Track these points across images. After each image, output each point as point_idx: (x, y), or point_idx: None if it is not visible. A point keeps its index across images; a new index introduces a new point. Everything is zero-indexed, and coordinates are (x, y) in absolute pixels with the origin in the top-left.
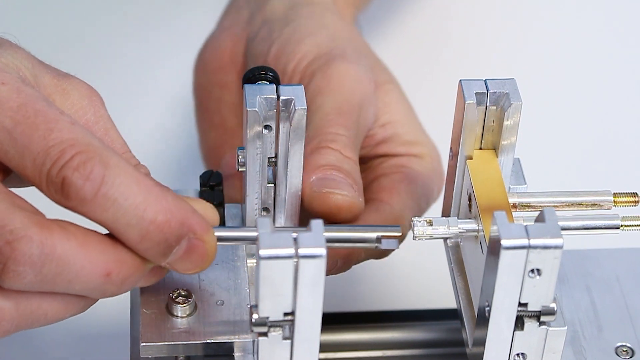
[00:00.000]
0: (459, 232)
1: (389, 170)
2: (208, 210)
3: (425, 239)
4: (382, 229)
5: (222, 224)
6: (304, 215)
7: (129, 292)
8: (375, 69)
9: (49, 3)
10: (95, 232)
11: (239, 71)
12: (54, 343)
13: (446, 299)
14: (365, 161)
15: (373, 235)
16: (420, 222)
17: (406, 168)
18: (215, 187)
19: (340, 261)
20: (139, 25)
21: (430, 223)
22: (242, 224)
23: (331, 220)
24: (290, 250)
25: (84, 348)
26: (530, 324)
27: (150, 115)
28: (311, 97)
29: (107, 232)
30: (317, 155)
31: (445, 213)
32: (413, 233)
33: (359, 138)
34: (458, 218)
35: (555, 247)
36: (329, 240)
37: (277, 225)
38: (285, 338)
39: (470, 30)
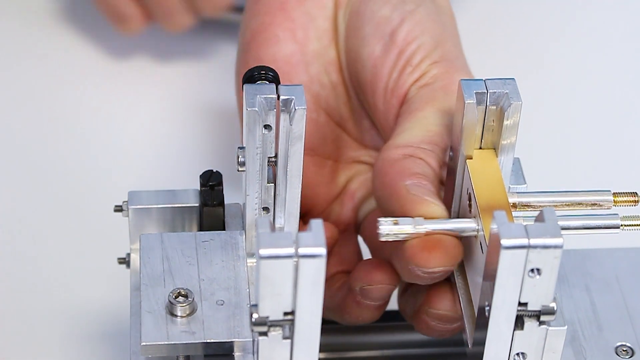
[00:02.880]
0: (426, 231)
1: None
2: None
3: (391, 239)
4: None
5: (222, 223)
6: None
7: (128, 292)
8: None
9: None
10: None
11: (337, 3)
12: (54, 343)
13: None
14: None
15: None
16: (386, 221)
17: None
18: (215, 187)
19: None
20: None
21: (396, 223)
22: (242, 223)
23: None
24: (290, 250)
25: (84, 348)
26: (530, 324)
27: (150, 115)
28: (423, 102)
29: None
30: (412, 163)
31: None
32: (379, 232)
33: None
34: (458, 218)
35: (555, 246)
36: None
37: (277, 225)
38: (285, 338)
39: (470, 30)
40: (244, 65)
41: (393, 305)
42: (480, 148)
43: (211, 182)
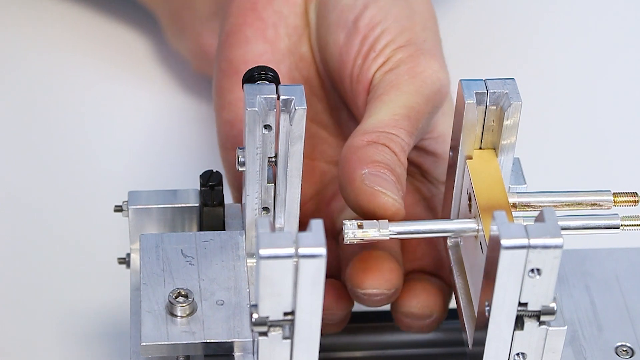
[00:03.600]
0: (390, 234)
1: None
2: None
3: (356, 242)
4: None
5: (222, 223)
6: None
7: (128, 292)
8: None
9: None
10: None
11: (306, 0)
12: (54, 343)
13: None
14: None
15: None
16: (350, 224)
17: (432, 195)
18: (215, 187)
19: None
20: (141, 23)
21: (360, 226)
22: (242, 224)
23: (367, 219)
24: (290, 250)
25: (84, 348)
26: (530, 324)
27: (150, 115)
28: (388, 87)
29: None
30: (373, 149)
31: (445, 213)
32: (344, 237)
33: (414, 143)
34: (458, 218)
35: (555, 246)
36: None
37: (277, 225)
38: (285, 338)
39: (470, 30)
40: (218, 68)
41: None
42: (480, 148)
43: (211, 182)
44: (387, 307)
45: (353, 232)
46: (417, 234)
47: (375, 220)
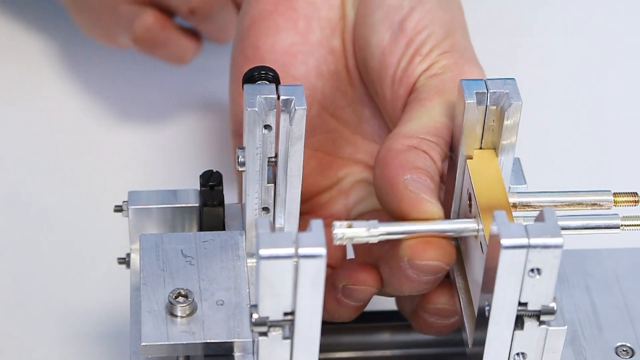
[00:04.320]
0: (380, 234)
1: None
2: None
3: (345, 242)
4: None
5: (222, 223)
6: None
7: (129, 292)
8: None
9: None
10: None
11: None
12: (54, 343)
13: None
14: None
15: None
16: (340, 224)
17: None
18: (215, 187)
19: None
20: None
21: (350, 226)
22: (242, 223)
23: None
24: (290, 250)
25: (84, 348)
26: (530, 324)
27: (150, 115)
28: (432, 92)
29: None
30: (414, 155)
31: (446, 213)
32: (333, 236)
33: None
34: (458, 218)
35: (555, 246)
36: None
37: (277, 225)
38: (285, 338)
39: (470, 30)
40: (240, 52)
41: (393, 305)
42: (481, 148)
43: (211, 182)
44: (388, 307)
45: (342, 232)
46: (406, 234)
47: (364, 221)
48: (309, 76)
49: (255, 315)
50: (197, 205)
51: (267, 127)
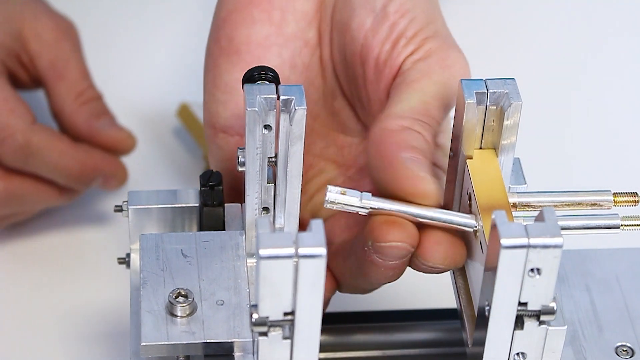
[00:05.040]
0: (370, 207)
1: None
2: (126, 140)
3: (335, 207)
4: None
5: (222, 223)
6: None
7: (128, 292)
8: None
9: None
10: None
11: None
12: (54, 343)
13: (446, 299)
14: None
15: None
16: (334, 189)
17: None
18: (215, 187)
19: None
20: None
21: (343, 193)
22: (242, 224)
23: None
24: (290, 250)
25: (84, 348)
26: (530, 324)
27: (150, 115)
28: (419, 75)
29: None
30: (409, 136)
31: None
32: (325, 199)
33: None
34: None
35: (555, 246)
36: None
37: (277, 225)
38: (285, 338)
39: (470, 30)
40: (215, 43)
41: (392, 305)
42: (481, 148)
43: (211, 182)
44: (388, 307)
45: (335, 197)
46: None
47: (358, 191)
48: (283, 68)
49: (255, 315)
50: (197, 205)
51: (267, 127)
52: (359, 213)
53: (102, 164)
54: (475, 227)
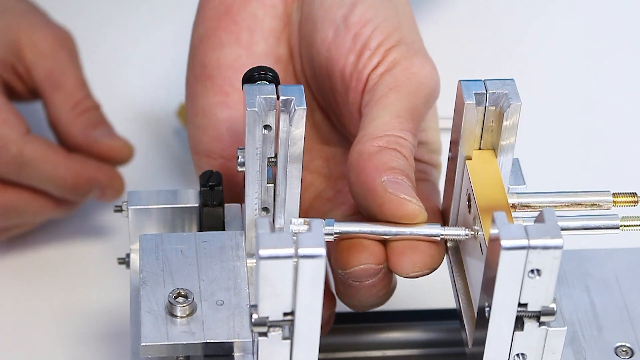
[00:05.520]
0: (334, 233)
1: (418, 176)
2: (124, 149)
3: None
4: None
5: (222, 223)
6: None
7: (128, 292)
8: None
9: None
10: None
11: (287, 2)
12: (54, 343)
13: (446, 299)
14: None
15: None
16: (297, 222)
17: (428, 176)
18: (215, 187)
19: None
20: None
21: (307, 223)
22: (242, 224)
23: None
24: (290, 250)
25: (84, 348)
26: (530, 324)
27: (149, 115)
28: (386, 89)
29: None
30: (387, 156)
31: (445, 214)
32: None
33: (416, 147)
34: (457, 218)
35: (555, 247)
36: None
37: (277, 225)
38: (285, 338)
39: (470, 30)
40: (191, 71)
41: (392, 305)
42: (480, 149)
43: (211, 182)
44: (388, 307)
45: (298, 228)
46: (363, 234)
47: (321, 220)
48: None
49: (255, 316)
50: (197, 205)
51: (267, 127)
52: (326, 240)
53: (97, 174)
54: (441, 235)
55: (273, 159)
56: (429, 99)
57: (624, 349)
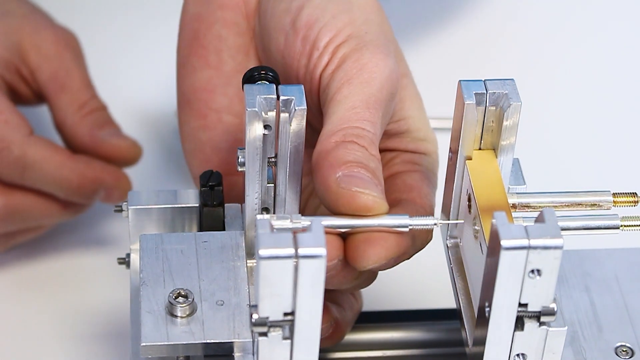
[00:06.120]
0: (302, 225)
1: (404, 167)
2: (131, 149)
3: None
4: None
5: (222, 223)
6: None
7: (128, 292)
8: (397, 59)
9: None
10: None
11: (248, 15)
12: (54, 343)
13: (446, 299)
14: None
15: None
16: (266, 217)
17: (419, 166)
18: (215, 187)
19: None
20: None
21: (274, 218)
22: (242, 224)
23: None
24: (290, 250)
25: (84, 348)
26: (530, 325)
27: (149, 115)
28: (339, 84)
29: None
30: (342, 150)
31: (445, 214)
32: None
33: (381, 134)
34: (457, 218)
35: (555, 247)
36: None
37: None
38: (285, 338)
39: (470, 30)
40: (177, 100)
41: (392, 305)
42: (480, 149)
43: (211, 182)
44: (388, 307)
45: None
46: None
47: (288, 215)
48: (232, 105)
49: (255, 316)
50: (197, 205)
51: (267, 127)
52: None
53: (102, 175)
54: (410, 225)
55: (273, 159)
56: (385, 85)
57: (624, 349)
